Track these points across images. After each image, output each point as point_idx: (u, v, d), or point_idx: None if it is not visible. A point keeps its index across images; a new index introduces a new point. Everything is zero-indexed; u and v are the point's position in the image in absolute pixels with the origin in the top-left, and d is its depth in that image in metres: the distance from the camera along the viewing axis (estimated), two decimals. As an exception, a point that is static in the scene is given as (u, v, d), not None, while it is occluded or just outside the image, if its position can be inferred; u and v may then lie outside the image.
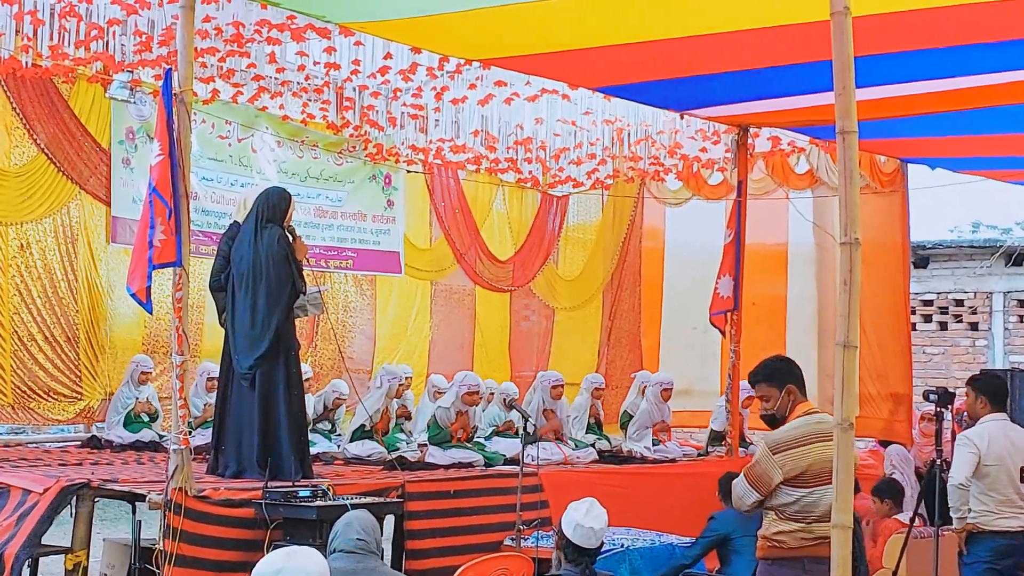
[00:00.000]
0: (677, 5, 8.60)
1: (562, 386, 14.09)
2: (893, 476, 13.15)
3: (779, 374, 7.21)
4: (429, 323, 17.54)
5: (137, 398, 13.43)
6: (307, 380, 13.04)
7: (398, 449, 12.65)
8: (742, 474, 7.19)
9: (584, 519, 7.42)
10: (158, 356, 14.04)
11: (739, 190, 14.04)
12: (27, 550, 8.81)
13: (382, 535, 7.45)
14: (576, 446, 13.79)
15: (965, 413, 10.35)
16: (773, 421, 7.19)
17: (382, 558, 7.31)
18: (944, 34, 8.77)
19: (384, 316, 17.05)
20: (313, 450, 11.67)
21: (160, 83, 9.25)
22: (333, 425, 13.88)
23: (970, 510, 9.17)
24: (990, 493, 9.06)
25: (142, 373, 13.47)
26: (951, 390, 9.98)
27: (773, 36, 8.87)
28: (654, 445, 14.38)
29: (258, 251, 10.38)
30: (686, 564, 10.34)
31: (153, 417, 13.42)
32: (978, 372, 12.00)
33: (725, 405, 14.31)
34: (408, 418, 14.12)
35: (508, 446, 12.91)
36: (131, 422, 13.31)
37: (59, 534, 9.56)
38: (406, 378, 14.14)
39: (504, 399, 14.15)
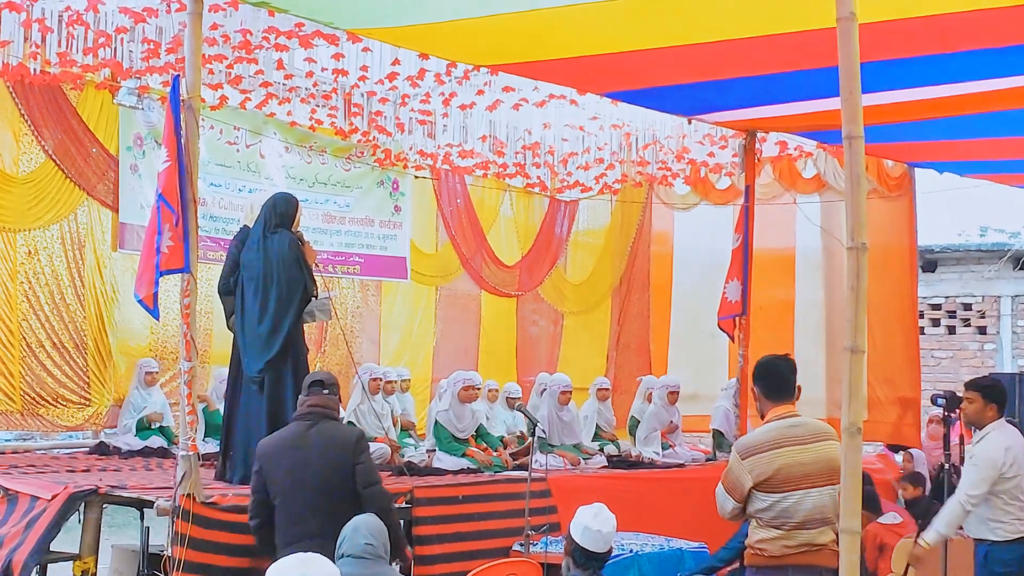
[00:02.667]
0: (684, 13, 8.59)
1: (570, 391, 14.10)
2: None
3: (755, 372, 7.22)
4: (433, 328, 17.54)
5: (145, 405, 13.44)
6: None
7: (403, 455, 12.68)
8: (720, 481, 7.18)
9: (593, 522, 7.42)
10: (167, 362, 14.06)
11: (747, 195, 14.02)
12: (35, 556, 8.83)
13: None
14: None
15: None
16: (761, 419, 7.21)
17: (390, 563, 7.32)
18: (950, 40, 8.76)
19: (390, 321, 17.06)
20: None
21: (168, 89, 9.25)
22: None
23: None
24: (1014, 502, 9.00)
25: (147, 374, 13.47)
26: (959, 394, 9.93)
27: (780, 43, 8.87)
28: (663, 449, 14.38)
29: (268, 255, 10.37)
30: (716, 567, 10.33)
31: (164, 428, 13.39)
32: (983, 376, 11.91)
33: (733, 409, 14.29)
34: (411, 428, 14.19)
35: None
36: (141, 428, 13.32)
37: (67, 540, 9.57)
38: (403, 380, 14.11)
39: (507, 398, 14.17)
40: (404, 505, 10.16)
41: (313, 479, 8.03)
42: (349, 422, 12.86)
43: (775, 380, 7.08)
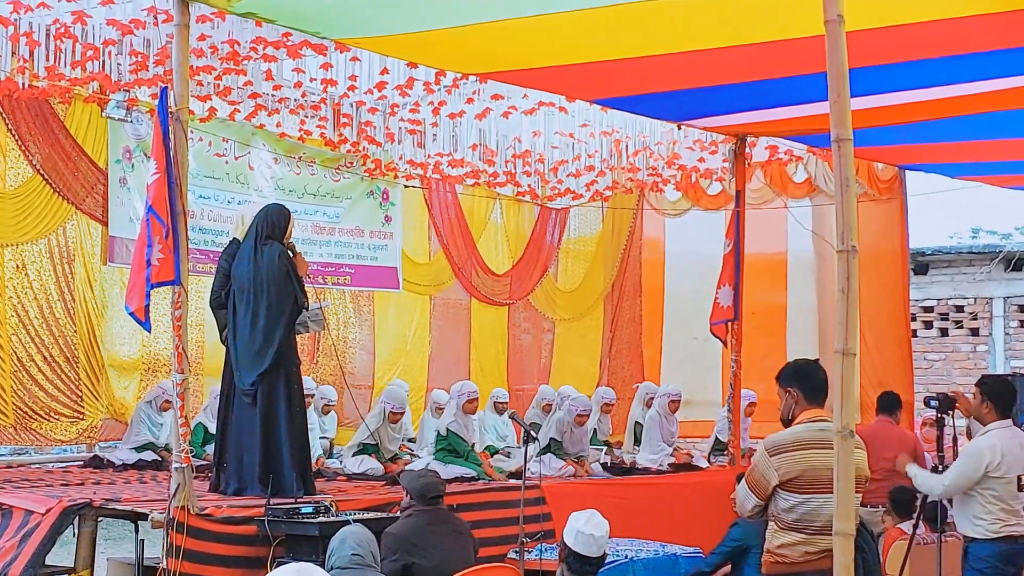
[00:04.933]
0: (673, 21, 8.60)
1: (587, 415, 14.05)
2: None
3: (786, 375, 7.15)
4: (428, 338, 17.52)
5: (160, 425, 13.36)
6: (310, 395, 13.11)
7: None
8: (743, 478, 7.16)
9: (585, 527, 7.42)
10: (160, 375, 14.02)
11: (737, 200, 14.02)
12: (30, 571, 8.79)
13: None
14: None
15: None
16: (784, 423, 7.16)
17: (381, 571, 7.33)
18: (937, 45, 8.78)
19: (384, 331, 17.04)
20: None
21: (156, 102, 9.25)
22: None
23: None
24: (997, 502, 9.02)
25: (165, 401, 13.25)
26: (951, 396, 9.92)
27: (769, 50, 8.88)
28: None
29: (259, 268, 10.39)
30: (706, 572, 10.30)
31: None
32: (990, 375, 11.90)
33: (728, 415, 14.26)
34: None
35: (509, 461, 12.97)
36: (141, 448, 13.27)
37: (62, 554, 9.57)
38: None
39: (495, 403, 14.11)
40: (397, 514, 10.13)
41: (466, 559, 8.95)
42: (361, 443, 12.94)
43: (816, 384, 7.03)
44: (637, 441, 15.07)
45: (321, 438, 13.71)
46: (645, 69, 9.78)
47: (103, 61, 12.04)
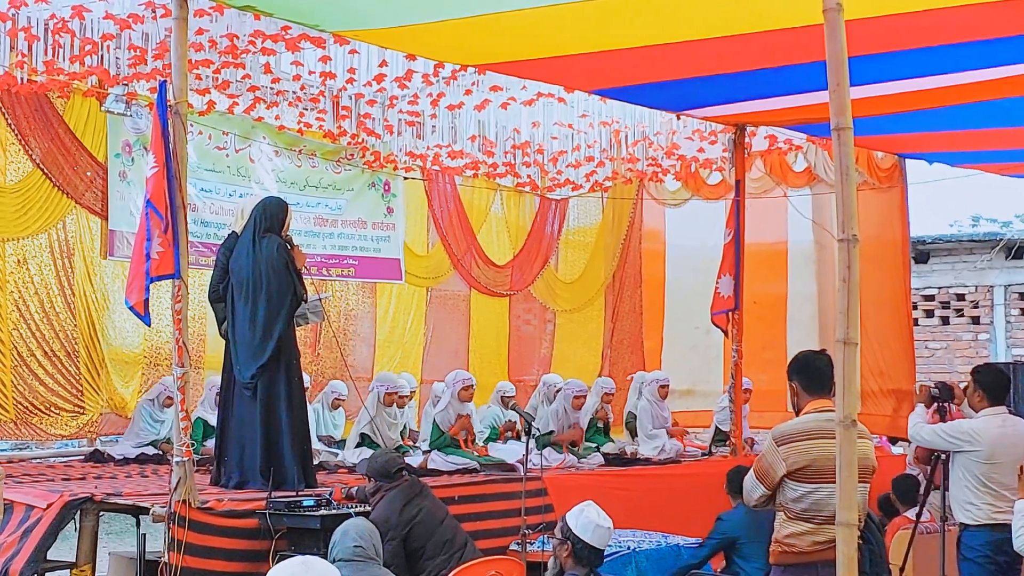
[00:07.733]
0: (671, 12, 8.59)
1: (584, 397, 14.09)
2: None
3: (791, 368, 7.16)
4: (423, 329, 17.50)
5: (162, 420, 13.37)
6: (307, 390, 13.11)
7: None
8: (751, 468, 7.15)
9: (601, 520, 7.39)
10: (161, 369, 14.02)
11: (737, 189, 14.02)
12: (32, 566, 8.81)
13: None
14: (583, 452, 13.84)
15: None
16: (797, 414, 7.15)
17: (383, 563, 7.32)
18: (936, 34, 8.77)
19: (383, 323, 17.02)
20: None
21: (155, 95, 9.23)
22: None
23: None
24: (988, 488, 9.01)
25: (168, 398, 13.25)
26: (950, 384, 9.92)
27: (768, 39, 8.86)
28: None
29: (258, 261, 10.37)
30: (694, 564, 10.29)
31: None
32: (983, 364, 11.91)
33: (729, 405, 14.24)
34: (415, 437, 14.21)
35: (508, 451, 12.94)
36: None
37: (64, 549, 9.55)
38: (410, 392, 14.05)
39: (502, 397, 14.10)
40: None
41: (448, 515, 9.70)
42: (362, 434, 12.92)
43: (815, 375, 7.01)
44: (633, 433, 15.02)
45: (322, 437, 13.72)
46: (644, 59, 9.77)
47: (102, 55, 12.05)
